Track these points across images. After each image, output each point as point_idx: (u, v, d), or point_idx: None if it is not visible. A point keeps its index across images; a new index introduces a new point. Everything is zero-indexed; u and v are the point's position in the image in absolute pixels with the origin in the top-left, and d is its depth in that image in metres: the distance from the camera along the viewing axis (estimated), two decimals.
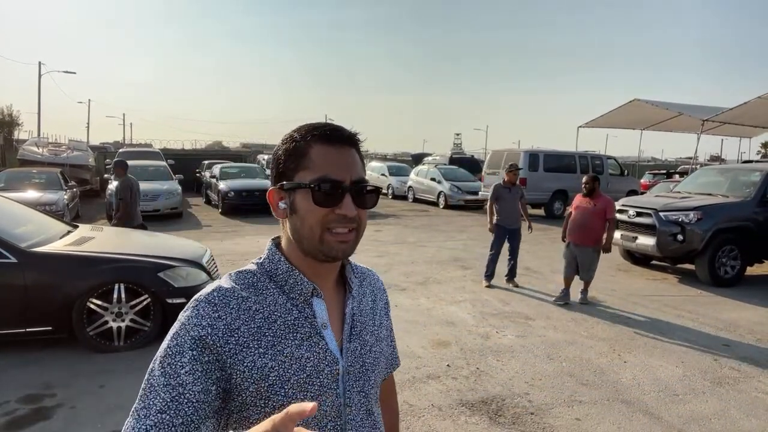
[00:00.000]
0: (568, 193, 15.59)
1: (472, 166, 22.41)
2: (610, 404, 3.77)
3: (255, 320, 0.90)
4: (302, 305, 0.94)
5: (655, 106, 17.07)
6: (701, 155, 35.92)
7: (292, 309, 0.93)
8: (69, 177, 13.83)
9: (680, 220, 7.47)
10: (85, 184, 17.05)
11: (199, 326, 0.87)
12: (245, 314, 0.90)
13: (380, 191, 1.00)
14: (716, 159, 42.15)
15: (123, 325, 4.47)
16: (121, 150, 22.43)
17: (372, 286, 1.11)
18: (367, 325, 1.03)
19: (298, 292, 0.94)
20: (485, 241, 10.09)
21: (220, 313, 0.88)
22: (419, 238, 11.28)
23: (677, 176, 19.19)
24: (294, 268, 0.95)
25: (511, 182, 7.09)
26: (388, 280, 7.17)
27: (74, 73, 53.96)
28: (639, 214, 8.00)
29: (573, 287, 6.34)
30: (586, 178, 6.44)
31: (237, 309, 0.90)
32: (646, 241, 7.78)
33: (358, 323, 1.00)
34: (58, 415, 3.44)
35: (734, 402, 3.85)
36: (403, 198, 20.08)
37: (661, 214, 7.65)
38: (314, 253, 0.93)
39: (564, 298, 6.30)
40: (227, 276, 0.96)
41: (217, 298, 0.90)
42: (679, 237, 7.41)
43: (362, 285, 1.08)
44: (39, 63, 33.42)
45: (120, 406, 3.48)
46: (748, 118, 15.76)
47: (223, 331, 0.87)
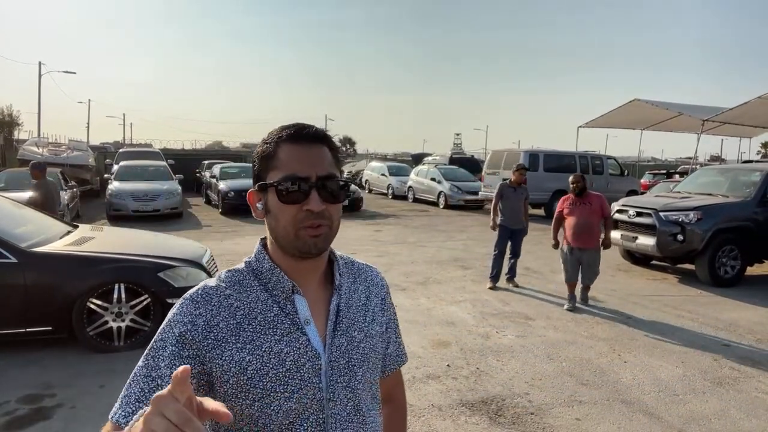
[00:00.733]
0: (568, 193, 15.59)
1: (472, 166, 22.41)
2: (610, 404, 3.77)
3: (236, 316, 0.94)
4: (284, 302, 0.96)
5: (655, 106, 17.08)
6: (701, 155, 35.90)
7: (273, 306, 0.96)
8: (69, 177, 13.83)
9: (680, 220, 7.47)
10: (85, 184, 17.06)
11: (181, 323, 0.92)
12: (226, 311, 0.94)
13: (350, 185, 1.02)
14: (716, 159, 42.16)
15: (123, 325, 4.48)
16: (121, 150, 22.44)
17: (368, 281, 1.12)
18: (357, 321, 1.03)
19: (280, 289, 0.97)
20: (485, 241, 10.10)
21: (201, 310, 0.94)
22: (419, 238, 11.28)
23: (677, 176, 19.20)
24: (276, 267, 0.98)
25: (517, 182, 7.08)
26: (388, 279, 7.08)
27: (74, 73, 54.05)
28: (639, 214, 8.00)
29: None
30: (575, 177, 6.27)
31: (218, 306, 0.94)
32: (646, 241, 7.78)
33: (344, 319, 1.01)
34: (58, 415, 3.44)
35: (734, 402, 3.85)
36: (403, 198, 20.08)
37: (661, 214, 7.65)
38: (291, 251, 0.96)
39: (572, 301, 6.16)
40: (218, 275, 1.01)
41: (200, 296, 0.96)
42: (679, 237, 7.41)
43: (356, 281, 1.09)
44: (39, 63, 33.44)
45: None
46: (748, 118, 15.76)
47: (203, 327, 0.92)
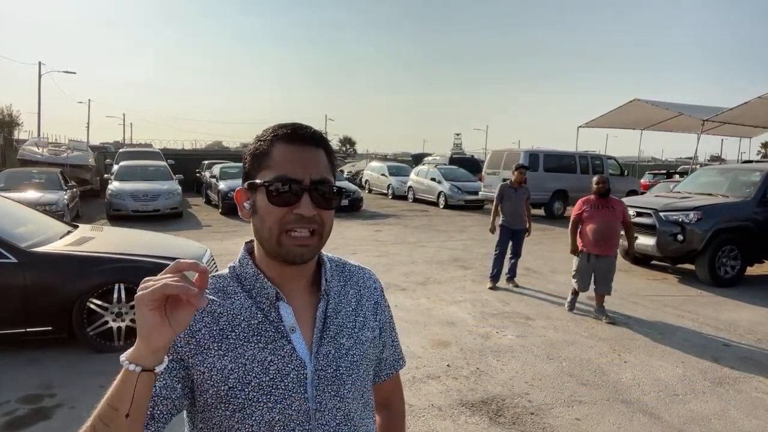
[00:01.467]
0: (568, 193, 15.61)
1: (472, 166, 22.41)
2: (610, 404, 3.77)
3: (218, 323, 0.91)
4: (268, 309, 0.93)
5: (655, 106, 17.08)
6: (701, 155, 35.89)
7: (257, 313, 0.92)
8: (69, 177, 13.82)
9: (680, 220, 7.47)
10: (85, 184, 17.04)
11: None
12: (208, 317, 0.91)
13: (343, 192, 0.98)
14: (716, 159, 42.18)
15: (123, 325, 4.49)
16: (121, 150, 22.43)
17: (359, 285, 1.07)
18: (346, 327, 0.99)
19: (264, 296, 0.94)
20: (485, 241, 10.10)
21: None
22: (419, 238, 11.28)
23: (677, 176, 19.19)
24: (259, 272, 0.95)
25: (518, 182, 7.07)
26: (388, 280, 7.18)
27: (74, 73, 54.19)
28: (639, 214, 7.98)
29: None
30: (600, 179, 5.77)
31: (200, 312, 0.90)
32: (646, 241, 7.77)
33: (332, 325, 0.97)
34: (58, 415, 3.44)
35: (734, 402, 3.85)
36: (403, 198, 20.07)
37: (661, 214, 7.65)
38: (274, 256, 0.92)
39: (603, 312, 5.67)
40: None
41: None
42: (679, 237, 7.41)
43: (346, 285, 1.05)
44: (39, 63, 33.51)
45: None
46: (748, 118, 15.77)
47: (185, 333, 0.89)
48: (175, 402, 0.88)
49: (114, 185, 13.36)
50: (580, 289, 5.84)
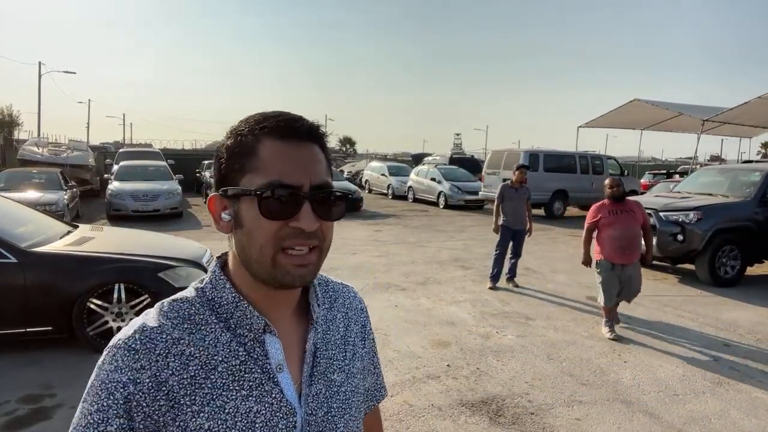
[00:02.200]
0: (568, 193, 15.62)
1: (472, 166, 22.43)
2: (610, 404, 3.77)
3: (189, 368, 0.72)
4: (251, 344, 0.76)
5: (655, 106, 17.10)
6: (701, 155, 35.89)
7: (238, 349, 0.75)
8: (69, 177, 13.82)
9: (680, 220, 7.47)
10: (85, 184, 17.05)
11: (121, 383, 0.69)
12: (176, 361, 0.72)
13: (348, 198, 0.80)
14: (716, 159, 42.19)
15: (123, 325, 4.48)
16: (121, 150, 22.42)
17: (346, 307, 0.93)
18: (336, 359, 0.85)
19: (247, 328, 0.76)
20: (485, 241, 10.11)
21: (143, 362, 0.70)
22: (419, 238, 11.28)
23: (677, 176, 19.20)
24: (242, 299, 0.76)
25: (518, 182, 7.07)
26: (388, 280, 7.18)
27: (74, 73, 54.20)
28: None
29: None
30: (613, 181, 5.26)
31: (164, 355, 0.71)
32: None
33: (323, 360, 0.83)
34: (58, 415, 3.44)
35: (734, 402, 3.85)
36: (403, 198, 20.07)
37: (661, 214, 7.64)
38: (266, 279, 0.74)
39: (613, 324, 5.25)
40: (157, 307, 0.77)
41: (140, 343, 0.72)
42: (679, 237, 7.41)
43: (332, 308, 0.90)
44: (39, 63, 33.53)
45: None
46: (748, 118, 15.78)
47: (149, 386, 0.70)
48: None
49: (114, 185, 13.37)
50: (606, 302, 5.16)
